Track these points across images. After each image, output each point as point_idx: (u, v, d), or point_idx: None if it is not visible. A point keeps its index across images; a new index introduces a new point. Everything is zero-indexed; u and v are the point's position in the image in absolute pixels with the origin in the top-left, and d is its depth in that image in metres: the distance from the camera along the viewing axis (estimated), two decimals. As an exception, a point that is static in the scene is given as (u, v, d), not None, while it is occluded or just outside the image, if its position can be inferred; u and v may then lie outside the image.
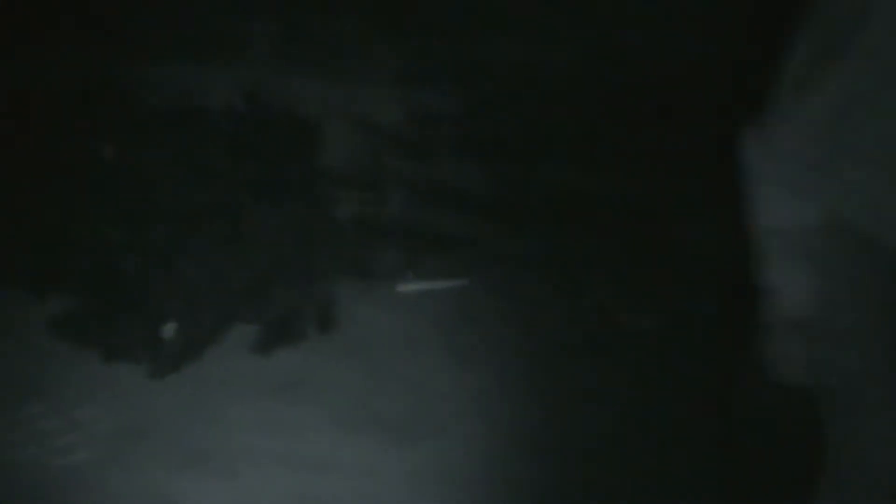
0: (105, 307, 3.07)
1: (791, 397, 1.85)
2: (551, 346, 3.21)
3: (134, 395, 2.76)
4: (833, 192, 1.63)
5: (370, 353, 3.09)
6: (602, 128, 3.60)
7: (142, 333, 3.00)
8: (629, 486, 2.54)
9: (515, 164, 3.79)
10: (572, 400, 2.90)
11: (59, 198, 3.21)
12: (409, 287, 3.49)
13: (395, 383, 2.94)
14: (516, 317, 3.25)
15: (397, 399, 2.87)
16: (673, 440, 2.73)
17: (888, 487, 1.67)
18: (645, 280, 3.45)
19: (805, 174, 1.63)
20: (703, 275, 3.18)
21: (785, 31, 1.65)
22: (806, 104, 1.61)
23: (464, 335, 3.21)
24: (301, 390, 2.86)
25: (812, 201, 1.63)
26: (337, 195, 3.66)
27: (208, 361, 2.98)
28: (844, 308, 1.67)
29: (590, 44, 3.70)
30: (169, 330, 3.04)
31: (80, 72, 3.54)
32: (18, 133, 3.33)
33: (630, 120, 3.51)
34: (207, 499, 2.39)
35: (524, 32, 3.75)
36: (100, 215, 3.20)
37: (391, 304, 3.39)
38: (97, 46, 3.58)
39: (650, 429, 2.76)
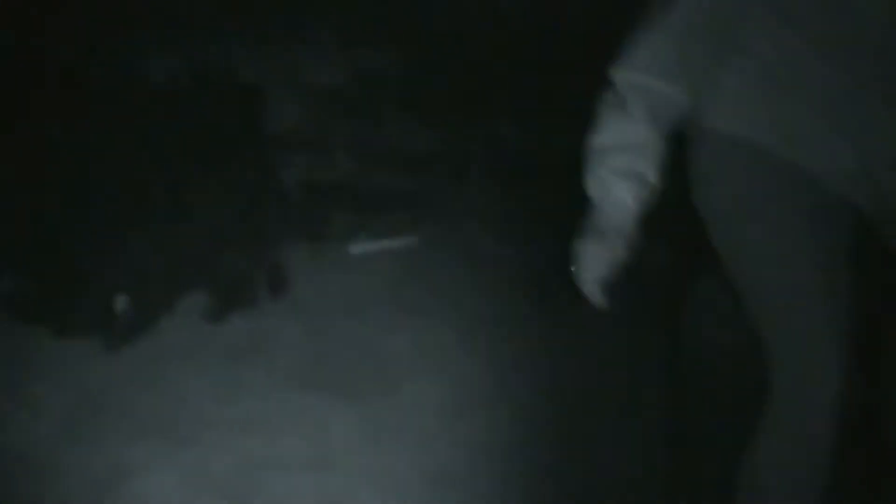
0: (54, 283, 3.06)
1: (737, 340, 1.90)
2: (502, 300, 3.25)
3: (86, 370, 2.76)
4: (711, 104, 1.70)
5: (322, 315, 3.11)
6: (544, 84, 3.63)
7: (93, 308, 3.00)
8: (581, 435, 2.58)
9: (460, 122, 3.81)
10: (524, 354, 2.94)
11: (2, 175, 3.19)
12: (359, 247, 3.51)
13: (346, 343, 2.97)
14: (466, 272, 3.28)
15: (350, 358, 2.90)
16: (625, 390, 2.78)
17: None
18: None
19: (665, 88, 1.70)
20: (650, 225, 3.21)
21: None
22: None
23: (414, 292, 3.24)
24: (254, 354, 2.89)
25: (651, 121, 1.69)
26: (283, 159, 3.67)
27: (161, 331, 2.99)
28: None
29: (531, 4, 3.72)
30: (120, 302, 3.03)
31: (21, 46, 3.50)
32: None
33: (572, 76, 3.52)
34: (164, 467, 2.40)
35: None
36: (43, 190, 3.18)
37: (341, 264, 3.42)
38: (37, 21, 3.54)
39: (602, 380, 2.81)
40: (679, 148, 1.86)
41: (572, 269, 1.76)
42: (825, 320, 1.70)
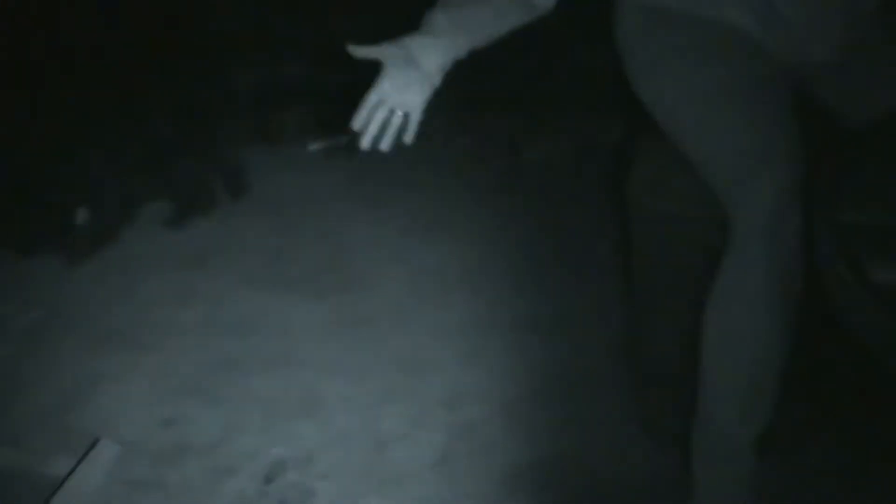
0: (10, 203, 3.04)
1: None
2: (461, 184, 3.26)
3: (49, 287, 2.78)
4: None
5: (282, 214, 3.12)
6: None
7: (51, 224, 2.99)
8: (543, 313, 2.61)
9: (412, 12, 3.75)
10: (484, 236, 2.96)
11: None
12: (315, 144, 3.50)
13: (308, 240, 2.98)
14: (425, 160, 3.27)
15: (312, 255, 2.91)
16: (584, 260, 2.81)
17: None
18: (552, 113, 3.49)
19: None
20: (608, 104, 3.21)
21: None
22: None
23: (372, 185, 3.24)
24: (216, 258, 2.90)
25: None
26: (234, 62, 3.62)
27: (121, 242, 3.00)
28: None
29: None
30: (79, 216, 3.03)
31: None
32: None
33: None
34: (132, 374, 2.42)
35: None
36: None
37: (298, 163, 3.41)
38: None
39: (559, 259, 2.83)
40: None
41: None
42: (754, 152, 1.72)
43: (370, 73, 1.74)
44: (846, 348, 1.76)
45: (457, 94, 3.50)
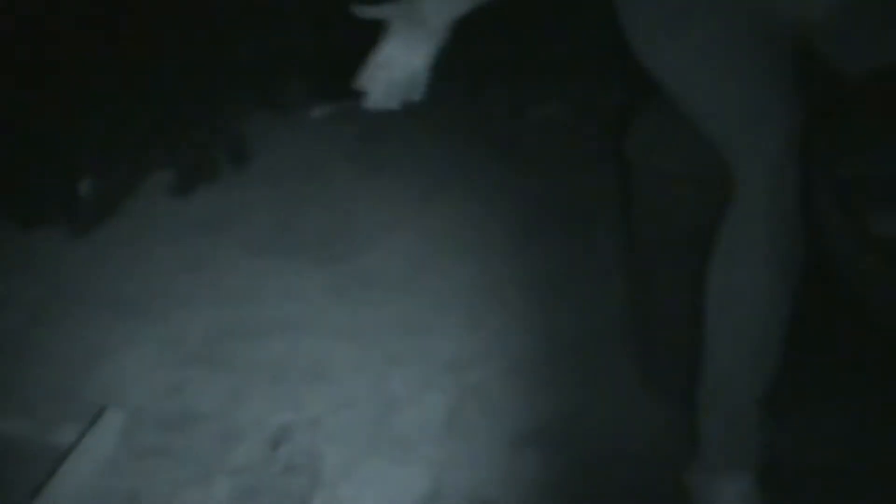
0: (15, 175, 3.04)
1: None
2: (464, 148, 3.24)
3: (54, 258, 2.78)
4: None
5: (286, 181, 3.11)
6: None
7: (57, 195, 3.00)
8: (547, 275, 2.61)
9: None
10: (488, 199, 2.95)
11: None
12: (318, 111, 3.49)
13: (312, 207, 2.98)
14: (426, 124, 3.26)
15: (316, 222, 2.91)
16: (587, 228, 2.79)
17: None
18: (551, 73, 3.47)
19: None
20: (606, 64, 3.19)
21: None
22: None
23: (376, 152, 3.23)
24: (220, 226, 2.89)
25: None
26: (236, 28, 3.60)
27: (127, 212, 3.00)
28: None
29: None
30: (84, 186, 3.03)
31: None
32: None
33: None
34: (140, 344, 2.43)
35: None
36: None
37: (302, 130, 3.40)
38: None
39: (563, 220, 2.82)
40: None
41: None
42: (754, 106, 1.70)
43: (375, 36, 1.74)
44: (851, 306, 1.76)
45: (459, 57, 3.51)
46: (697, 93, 1.76)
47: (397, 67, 1.71)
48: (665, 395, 2.11)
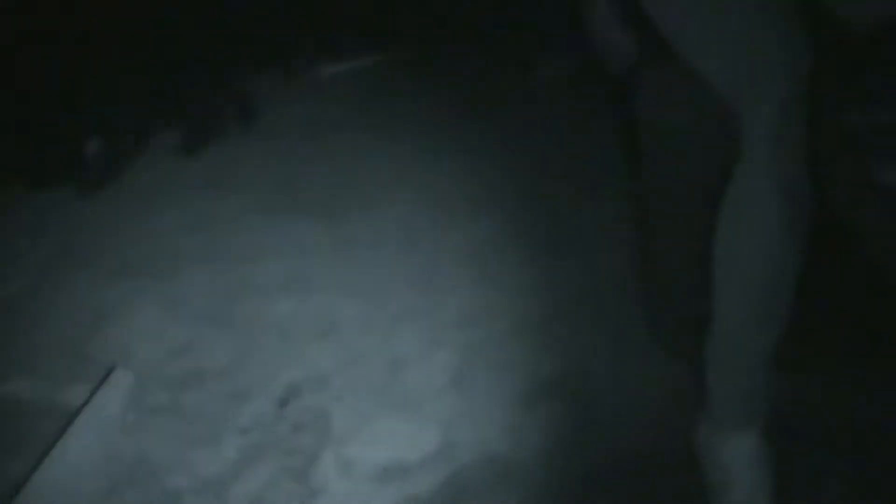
0: (22, 136, 3.03)
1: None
2: (472, 105, 3.22)
3: (62, 219, 2.78)
4: None
5: (292, 140, 3.10)
6: None
7: (63, 155, 2.99)
8: (554, 231, 2.59)
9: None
10: (496, 155, 2.93)
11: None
12: (326, 70, 3.47)
13: (319, 166, 2.96)
14: (435, 83, 3.23)
15: (323, 181, 2.90)
16: (595, 183, 2.77)
17: None
18: (561, 30, 3.43)
19: None
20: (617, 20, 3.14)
21: None
22: None
23: (382, 112, 3.21)
24: (227, 185, 2.89)
25: None
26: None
27: (134, 172, 2.99)
28: None
29: None
30: (91, 147, 3.02)
31: None
32: None
33: None
34: (146, 302, 2.43)
35: None
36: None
37: (308, 90, 3.38)
38: None
39: (570, 176, 2.80)
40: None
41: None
42: (759, 58, 1.68)
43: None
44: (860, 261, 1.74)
45: (467, 14, 3.49)
46: (703, 45, 1.74)
47: None
48: (673, 349, 2.10)
